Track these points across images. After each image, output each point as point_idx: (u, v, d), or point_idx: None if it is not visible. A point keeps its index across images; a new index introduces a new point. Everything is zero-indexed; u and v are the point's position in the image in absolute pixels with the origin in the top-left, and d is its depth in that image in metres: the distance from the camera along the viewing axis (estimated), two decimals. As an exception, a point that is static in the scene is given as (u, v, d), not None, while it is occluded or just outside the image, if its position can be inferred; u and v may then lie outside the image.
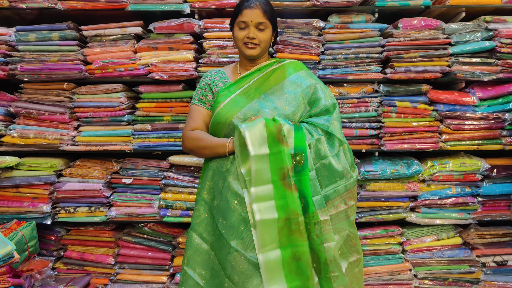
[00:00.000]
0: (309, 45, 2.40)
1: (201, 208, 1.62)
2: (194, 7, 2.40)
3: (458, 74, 2.37)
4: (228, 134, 1.61)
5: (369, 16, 2.45)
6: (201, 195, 1.63)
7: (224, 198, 1.53)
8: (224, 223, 1.52)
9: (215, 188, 1.59)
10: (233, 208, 1.50)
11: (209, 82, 1.75)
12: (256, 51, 1.68)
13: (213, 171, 1.61)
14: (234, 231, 1.49)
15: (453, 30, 2.38)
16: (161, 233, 2.58)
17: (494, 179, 2.48)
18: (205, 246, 1.58)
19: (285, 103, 1.63)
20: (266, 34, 1.67)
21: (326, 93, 1.67)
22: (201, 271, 1.57)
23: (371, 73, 2.42)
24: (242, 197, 1.50)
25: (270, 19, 1.66)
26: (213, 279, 1.54)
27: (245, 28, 1.65)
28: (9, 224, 2.37)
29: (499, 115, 2.41)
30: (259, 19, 1.63)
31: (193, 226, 1.62)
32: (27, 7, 2.38)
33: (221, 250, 1.52)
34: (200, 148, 1.63)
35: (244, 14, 1.64)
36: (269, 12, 1.66)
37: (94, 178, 2.50)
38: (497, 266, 2.49)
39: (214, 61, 2.42)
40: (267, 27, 1.66)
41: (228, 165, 1.56)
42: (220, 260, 1.53)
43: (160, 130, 2.49)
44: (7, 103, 2.53)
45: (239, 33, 1.67)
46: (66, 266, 2.58)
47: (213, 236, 1.57)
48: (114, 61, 2.42)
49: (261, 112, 1.60)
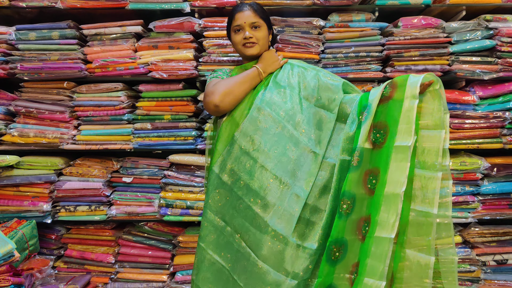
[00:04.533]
0: (309, 44, 2.40)
1: (222, 191, 1.60)
2: (194, 6, 2.40)
3: (458, 73, 2.37)
4: (250, 116, 1.59)
5: (369, 15, 2.45)
6: (219, 178, 1.60)
7: (256, 178, 1.53)
8: (258, 202, 1.52)
9: (240, 168, 1.57)
10: (269, 187, 1.52)
11: (220, 75, 1.76)
12: (256, 49, 1.71)
13: (236, 152, 1.59)
14: (271, 209, 1.51)
15: (454, 29, 2.38)
16: (161, 232, 2.58)
17: (494, 178, 2.48)
18: (229, 229, 1.58)
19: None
20: (261, 32, 1.71)
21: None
22: (227, 255, 1.57)
23: (372, 72, 2.42)
24: (277, 175, 1.52)
25: (262, 17, 1.71)
26: (237, 262, 1.55)
27: (240, 30, 1.71)
28: (10, 223, 2.38)
29: (499, 114, 2.40)
30: (252, 19, 1.69)
31: (215, 210, 1.61)
32: (27, 5, 2.38)
33: (252, 231, 1.52)
34: (238, 84, 1.62)
35: (236, 18, 1.70)
36: (261, 12, 1.72)
37: (94, 177, 2.50)
38: (497, 265, 2.49)
39: (214, 60, 2.42)
40: (262, 25, 1.71)
41: (256, 145, 1.56)
42: (248, 242, 1.53)
43: (160, 129, 2.49)
44: (7, 102, 2.52)
45: (236, 37, 1.72)
46: (67, 265, 2.59)
47: (238, 218, 1.56)
48: (114, 60, 2.42)
49: (276, 94, 1.63)
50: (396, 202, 1.33)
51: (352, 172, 1.45)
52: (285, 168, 1.55)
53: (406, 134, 1.36)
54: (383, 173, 1.39)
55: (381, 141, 1.43)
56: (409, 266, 1.45)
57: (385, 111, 1.45)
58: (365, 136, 1.45)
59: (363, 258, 1.38)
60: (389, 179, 1.36)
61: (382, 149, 1.42)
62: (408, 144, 1.34)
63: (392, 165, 1.36)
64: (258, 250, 1.50)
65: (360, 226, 1.44)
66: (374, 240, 1.35)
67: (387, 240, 1.31)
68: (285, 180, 1.54)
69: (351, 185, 1.45)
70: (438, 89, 1.45)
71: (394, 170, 1.36)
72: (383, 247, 1.32)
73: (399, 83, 1.44)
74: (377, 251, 1.33)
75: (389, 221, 1.32)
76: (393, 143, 1.38)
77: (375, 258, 1.34)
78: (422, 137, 1.46)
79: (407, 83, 1.41)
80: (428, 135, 1.45)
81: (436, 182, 1.41)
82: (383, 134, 1.43)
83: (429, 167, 1.44)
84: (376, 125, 1.46)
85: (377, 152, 1.44)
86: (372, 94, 1.50)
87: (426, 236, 1.42)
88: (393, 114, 1.41)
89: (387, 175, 1.36)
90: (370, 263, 1.35)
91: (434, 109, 1.45)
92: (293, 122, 1.60)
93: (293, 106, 1.62)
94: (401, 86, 1.42)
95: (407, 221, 1.45)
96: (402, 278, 1.47)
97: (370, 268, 1.34)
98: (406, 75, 1.44)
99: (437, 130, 1.43)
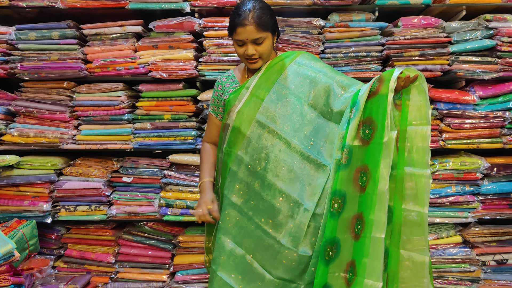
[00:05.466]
0: (309, 43, 2.40)
1: (231, 212, 1.61)
2: (194, 6, 2.40)
3: (458, 72, 2.37)
4: (253, 133, 1.58)
5: (370, 15, 2.45)
6: (228, 199, 1.62)
7: (266, 198, 1.54)
8: (270, 222, 1.54)
9: (249, 189, 1.58)
10: (279, 206, 1.53)
11: (220, 90, 1.73)
12: (259, 64, 1.61)
13: (243, 172, 1.59)
14: (283, 228, 1.52)
15: (454, 29, 2.38)
16: (161, 232, 2.58)
17: (494, 178, 2.48)
18: (240, 251, 1.59)
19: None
20: (265, 46, 1.57)
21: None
22: (237, 276, 1.58)
23: (372, 71, 2.42)
24: (286, 193, 1.52)
25: (266, 29, 1.55)
26: (250, 283, 1.56)
27: (242, 45, 1.58)
28: (10, 223, 2.38)
29: (500, 114, 2.40)
30: (254, 36, 1.52)
31: (225, 231, 1.61)
32: (27, 5, 2.38)
33: (265, 251, 1.54)
34: (199, 164, 1.79)
35: (238, 32, 1.54)
36: (264, 24, 1.52)
37: (94, 176, 2.50)
38: (497, 264, 2.49)
39: (214, 60, 2.42)
40: (265, 38, 1.56)
41: (263, 164, 1.55)
42: (262, 262, 1.56)
43: (160, 128, 2.49)
44: (7, 101, 2.52)
45: (238, 49, 1.60)
46: (67, 264, 2.59)
47: (249, 238, 1.58)
48: (114, 60, 2.42)
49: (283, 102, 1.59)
50: (385, 200, 1.33)
51: (341, 170, 1.44)
52: (294, 185, 1.53)
53: (388, 129, 1.35)
54: (373, 171, 1.37)
55: (370, 137, 1.41)
56: (408, 266, 1.45)
57: (372, 106, 1.42)
58: (353, 133, 1.43)
59: (360, 258, 1.38)
60: (380, 176, 1.34)
61: (370, 145, 1.40)
62: (386, 140, 1.34)
63: (382, 162, 1.35)
64: (273, 269, 1.54)
65: (352, 224, 1.43)
66: (371, 240, 1.34)
67: (381, 239, 1.32)
68: (294, 197, 1.53)
69: (341, 183, 1.44)
70: (421, 83, 1.44)
71: (383, 167, 1.34)
72: (379, 247, 1.32)
73: (385, 77, 1.41)
74: (374, 252, 1.33)
75: (382, 220, 1.32)
76: (382, 139, 1.35)
77: (373, 258, 1.34)
78: (410, 133, 1.45)
79: (391, 76, 1.38)
80: (416, 131, 1.44)
81: (426, 180, 1.42)
82: (371, 130, 1.41)
83: (419, 164, 1.43)
84: (365, 121, 1.43)
85: (365, 148, 1.42)
86: (362, 90, 1.47)
87: (419, 235, 1.43)
88: (379, 109, 1.39)
89: (378, 173, 1.34)
90: (370, 263, 1.34)
91: (421, 104, 1.44)
92: (299, 136, 1.56)
93: (299, 119, 1.57)
94: (386, 80, 1.39)
95: (400, 221, 1.45)
96: (401, 278, 1.47)
97: (370, 268, 1.34)
98: (392, 69, 1.42)
99: (424, 126, 1.43)
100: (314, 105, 1.58)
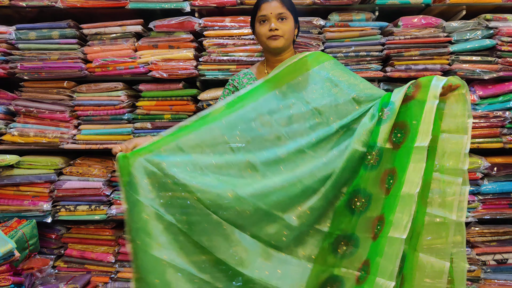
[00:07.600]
0: (309, 43, 2.40)
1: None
2: (194, 5, 2.40)
3: (458, 72, 2.37)
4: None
5: (370, 14, 2.45)
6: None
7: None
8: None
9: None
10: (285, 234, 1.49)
11: (236, 84, 1.72)
12: (281, 42, 1.63)
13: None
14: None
15: (454, 28, 2.38)
16: (162, 232, 2.58)
17: (494, 178, 2.48)
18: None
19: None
20: (288, 25, 1.61)
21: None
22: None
23: (372, 71, 2.42)
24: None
25: (289, 9, 1.62)
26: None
27: (265, 21, 1.61)
28: (10, 223, 2.38)
29: (500, 113, 2.40)
30: (278, 10, 1.60)
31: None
32: (27, 5, 2.38)
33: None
34: None
35: (262, 8, 1.60)
36: (288, 2, 1.63)
37: (94, 176, 2.50)
38: (497, 264, 2.49)
39: (214, 60, 2.42)
40: (288, 17, 1.62)
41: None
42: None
43: (161, 128, 2.49)
44: (7, 101, 2.52)
45: (261, 28, 1.62)
46: (67, 264, 2.59)
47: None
48: (114, 60, 2.42)
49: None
50: (410, 203, 1.32)
51: (370, 171, 1.44)
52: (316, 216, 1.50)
53: (425, 135, 1.35)
54: (400, 174, 1.37)
55: (401, 141, 1.42)
56: (422, 269, 1.44)
57: (407, 111, 1.43)
58: (386, 136, 1.44)
59: (374, 257, 1.38)
60: (406, 179, 1.34)
61: (400, 149, 1.41)
62: (425, 144, 1.33)
63: (410, 166, 1.35)
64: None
65: (374, 225, 1.43)
66: (387, 240, 1.34)
67: (399, 240, 1.31)
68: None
69: (368, 183, 1.44)
70: (464, 93, 1.43)
71: (412, 171, 1.35)
72: (395, 248, 1.31)
73: (423, 83, 1.41)
74: (389, 251, 1.33)
75: (403, 222, 1.32)
76: (414, 143, 1.36)
77: (387, 258, 1.33)
78: (442, 141, 1.44)
79: (431, 83, 1.39)
80: (449, 139, 1.43)
81: (457, 188, 1.40)
82: (403, 134, 1.42)
83: (449, 171, 1.42)
84: (397, 124, 1.44)
85: (396, 152, 1.42)
86: (395, 93, 1.48)
87: (442, 240, 1.41)
88: (415, 114, 1.39)
89: (405, 176, 1.35)
90: (383, 263, 1.34)
91: (458, 113, 1.43)
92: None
93: (317, 142, 1.52)
94: (425, 86, 1.40)
95: (422, 225, 1.44)
96: (415, 281, 1.46)
97: (382, 267, 1.34)
98: (431, 76, 1.42)
99: (459, 135, 1.41)
100: (337, 121, 1.56)
